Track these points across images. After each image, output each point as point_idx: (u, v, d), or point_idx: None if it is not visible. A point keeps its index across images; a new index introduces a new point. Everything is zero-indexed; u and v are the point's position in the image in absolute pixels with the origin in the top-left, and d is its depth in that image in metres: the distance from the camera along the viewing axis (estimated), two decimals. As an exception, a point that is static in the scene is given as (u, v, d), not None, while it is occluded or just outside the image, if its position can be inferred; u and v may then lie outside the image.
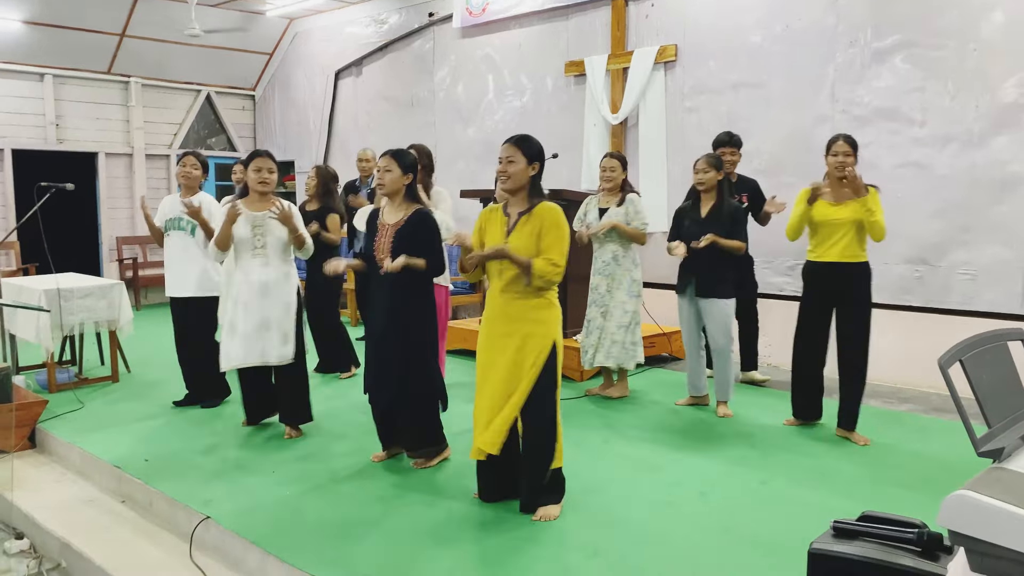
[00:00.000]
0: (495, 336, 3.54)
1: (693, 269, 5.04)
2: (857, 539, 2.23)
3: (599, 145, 7.63)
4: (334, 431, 4.85)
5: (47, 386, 5.84)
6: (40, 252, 5.79)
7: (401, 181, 4.00)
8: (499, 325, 3.54)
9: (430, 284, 4.08)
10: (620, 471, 4.13)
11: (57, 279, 5.82)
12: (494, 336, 3.55)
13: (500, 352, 3.50)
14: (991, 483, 1.72)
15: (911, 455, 4.38)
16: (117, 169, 10.70)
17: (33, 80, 9.87)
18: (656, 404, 5.41)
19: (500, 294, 3.53)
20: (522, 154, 3.50)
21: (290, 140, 11.29)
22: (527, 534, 3.37)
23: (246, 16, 10.48)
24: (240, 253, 4.60)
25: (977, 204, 5.65)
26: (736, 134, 5.74)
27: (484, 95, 8.84)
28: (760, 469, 4.14)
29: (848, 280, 4.48)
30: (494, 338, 3.55)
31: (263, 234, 4.57)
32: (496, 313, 3.56)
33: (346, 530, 3.44)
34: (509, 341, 3.48)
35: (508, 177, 3.50)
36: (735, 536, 3.34)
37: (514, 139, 3.56)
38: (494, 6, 8.48)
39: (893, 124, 5.98)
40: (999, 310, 5.55)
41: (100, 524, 3.94)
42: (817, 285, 4.58)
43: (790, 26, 6.49)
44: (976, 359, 1.97)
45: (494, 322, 3.57)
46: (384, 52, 9.89)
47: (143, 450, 4.54)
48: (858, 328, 4.50)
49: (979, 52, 5.56)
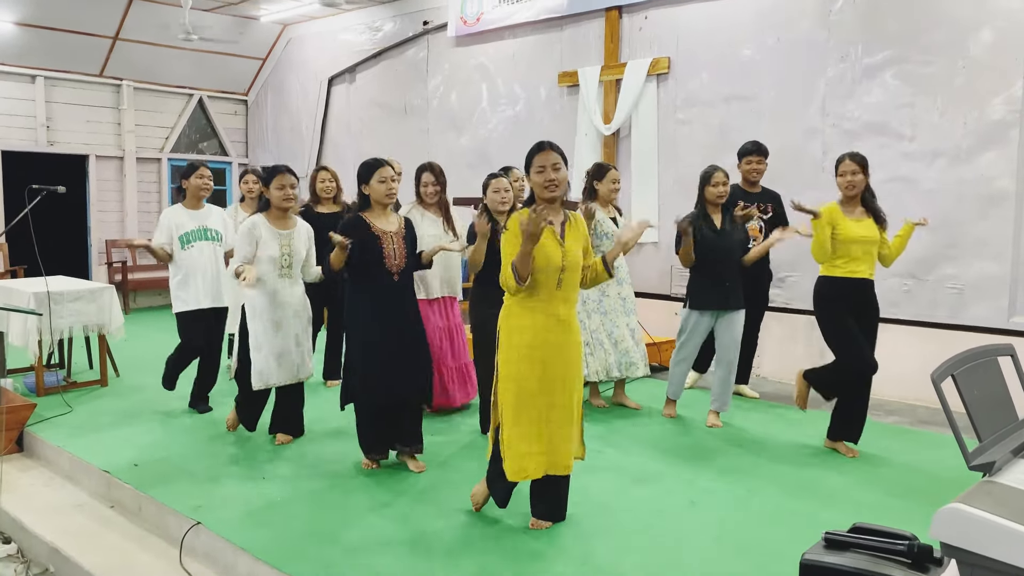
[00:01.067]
0: (556, 346, 3.40)
1: (727, 283, 5.00)
2: (848, 550, 2.25)
3: (590, 155, 7.67)
4: (325, 438, 4.84)
5: (35, 389, 5.80)
6: (29, 254, 5.76)
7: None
8: (557, 335, 3.40)
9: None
10: (611, 480, 4.14)
11: (47, 282, 5.78)
12: (556, 347, 3.40)
13: (565, 364, 3.43)
14: (983, 496, 1.75)
15: (900, 467, 4.42)
16: (108, 172, 10.66)
17: (24, 82, 9.83)
18: (645, 414, 5.43)
19: (561, 303, 3.40)
20: (564, 161, 3.47)
21: (282, 146, 11.28)
22: (520, 543, 3.38)
23: (240, 21, 10.48)
24: (267, 271, 4.45)
25: (965, 219, 5.72)
26: (762, 143, 5.73)
27: (478, 104, 8.88)
28: (750, 479, 4.17)
29: (874, 296, 4.52)
30: (555, 349, 3.39)
31: (290, 253, 4.52)
32: (552, 323, 3.38)
33: (336, 537, 3.43)
34: (571, 352, 3.45)
35: (558, 185, 3.38)
36: (725, 546, 3.36)
37: (554, 146, 3.45)
38: (489, 16, 8.52)
39: (882, 139, 6.04)
40: (986, 324, 5.61)
41: (89, 529, 3.92)
42: (853, 301, 4.47)
43: (782, 40, 6.56)
44: (968, 374, 2.00)
45: (551, 332, 3.39)
46: (378, 59, 9.91)
47: (133, 455, 4.52)
48: (873, 342, 4.53)
49: (968, 69, 5.64)
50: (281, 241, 4.48)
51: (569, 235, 3.44)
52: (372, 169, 4.11)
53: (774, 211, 5.69)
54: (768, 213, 5.68)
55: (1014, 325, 5.54)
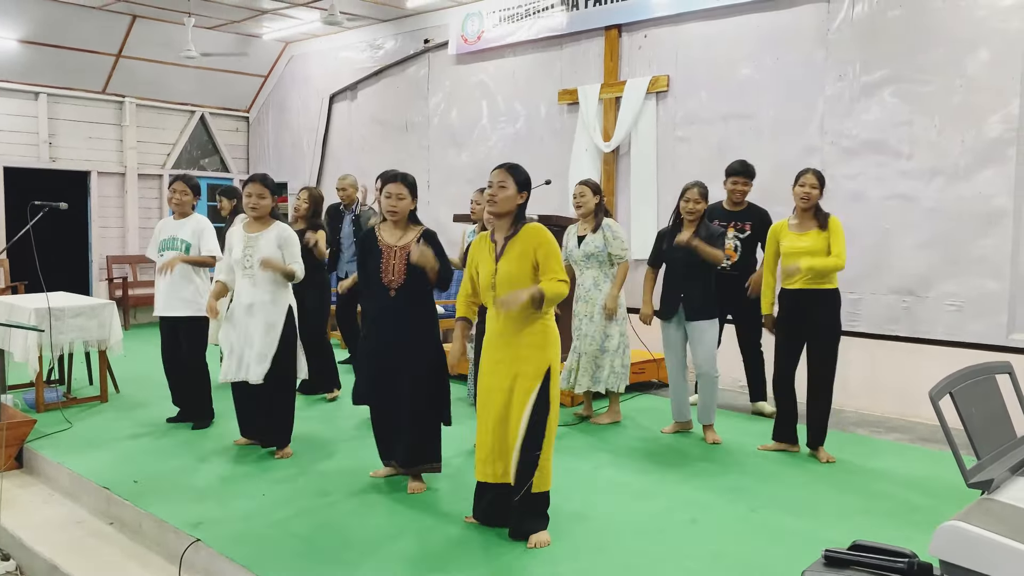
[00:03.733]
0: (493, 362, 3.56)
1: (680, 293, 5.12)
2: (848, 568, 2.25)
3: (589, 172, 7.70)
4: (325, 452, 4.84)
5: (35, 405, 5.80)
6: (29, 270, 5.78)
7: (410, 205, 4.09)
8: (496, 351, 3.55)
9: (432, 295, 4.16)
10: (611, 497, 4.14)
11: (48, 298, 5.80)
12: (492, 362, 3.56)
13: (499, 378, 3.52)
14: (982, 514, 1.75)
15: (899, 485, 4.41)
16: (109, 188, 10.70)
17: (27, 98, 9.89)
18: (646, 430, 5.43)
19: (497, 318, 3.54)
20: (513, 181, 3.53)
21: (283, 162, 11.33)
22: (520, 562, 3.37)
23: (242, 39, 10.56)
24: (236, 271, 4.73)
25: (963, 237, 5.74)
26: (750, 164, 5.81)
27: (478, 121, 8.93)
28: (751, 497, 4.16)
29: (814, 306, 4.66)
30: (492, 364, 3.56)
31: (252, 255, 4.66)
32: (493, 338, 3.57)
33: (337, 554, 3.43)
34: (506, 367, 3.49)
35: (496, 201, 3.52)
36: (725, 564, 3.36)
37: (507, 165, 3.61)
38: (489, 34, 8.59)
39: (881, 157, 6.08)
40: (984, 341, 5.62)
41: (88, 546, 3.91)
42: (787, 309, 4.79)
43: (780, 59, 6.61)
44: (966, 392, 2.02)
45: (491, 347, 3.58)
46: (379, 77, 9.98)
47: (132, 471, 4.52)
48: (825, 353, 4.69)
49: (965, 88, 5.68)
50: (247, 243, 4.69)
51: (510, 253, 3.48)
52: (381, 182, 4.16)
53: (753, 229, 5.70)
54: (746, 232, 5.71)
55: (1013, 342, 5.55)
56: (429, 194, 9.30)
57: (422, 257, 3.87)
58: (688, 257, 5.00)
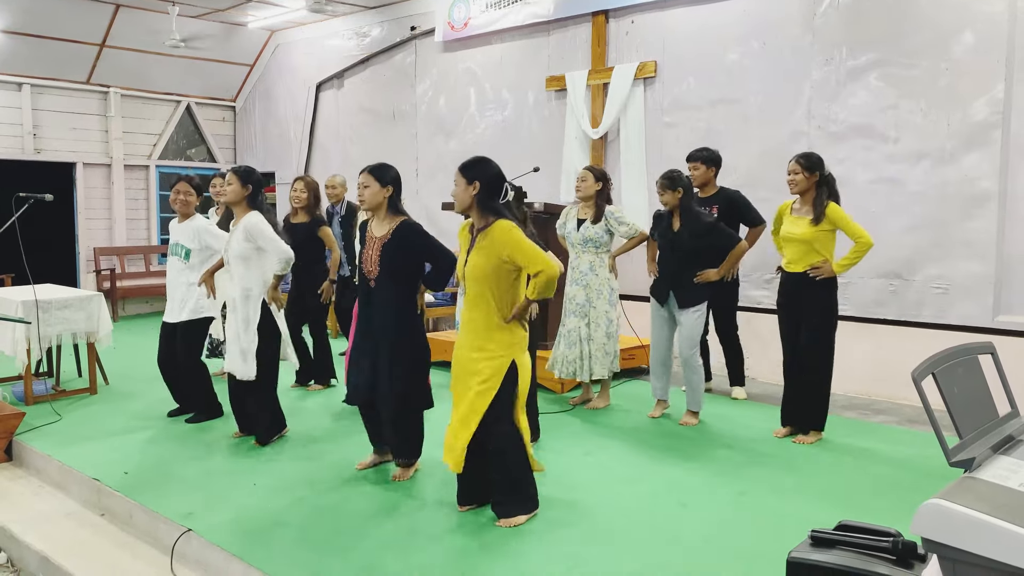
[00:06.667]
0: (461, 357, 3.64)
1: (672, 279, 5.15)
2: (834, 548, 2.28)
3: (578, 159, 7.71)
4: (315, 442, 4.84)
5: (24, 398, 5.78)
6: (16, 263, 5.74)
7: (381, 195, 4.04)
8: (460, 337, 3.67)
9: (415, 291, 4.09)
10: (601, 482, 4.16)
11: (35, 290, 5.77)
12: (460, 357, 3.65)
13: (466, 372, 3.60)
14: (963, 492, 1.77)
15: (886, 465, 4.46)
16: (95, 179, 10.63)
17: (11, 89, 9.80)
18: (636, 415, 5.45)
19: (466, 309, 3.62)
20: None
21: (271, 151, 11.27)
22: (510, 547, 3.39)
23: (227, 27, 10.47)
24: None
25: (949, 220, 5.77)
26: (707, 150, 5.78)
27: (466, 108, 8.90)
28: (739, 480, 4.20)
29: (812, 288, 4.71)
30: (460, 358, 3.65)
31: (227, 250, 4.72)
32: (463, 332, 3.65)
33: (328, 542, 3.44)
34: (471, 364, 3.57)
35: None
36: (715, 547, 3.39)
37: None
38: (476, 21, 8.55)
39: (867, 141, 6.10)
40: (971, 323, 5.67)
41: (79, 537, 3.92)
42: (781, 292, 4.89)
43: (767, 44, 6.61)
44: (948, 372, 2.03)
45: (461, 342, 3.67)
46: (366, 65, 9.92)
47: (122, 462, 4.51)
48: (815, 335, 4.75)
49: (951, 71, 5.70)
50: (226, 239, 4.77)
51: (480, 245, 3.54)
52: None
53: (720, 212, 5.65)
54: (713, 215, 5.68)
55: (999, 324, 5.60)
56: (418, 183, 9.28)
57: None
58: (679, 244, 5.06)
